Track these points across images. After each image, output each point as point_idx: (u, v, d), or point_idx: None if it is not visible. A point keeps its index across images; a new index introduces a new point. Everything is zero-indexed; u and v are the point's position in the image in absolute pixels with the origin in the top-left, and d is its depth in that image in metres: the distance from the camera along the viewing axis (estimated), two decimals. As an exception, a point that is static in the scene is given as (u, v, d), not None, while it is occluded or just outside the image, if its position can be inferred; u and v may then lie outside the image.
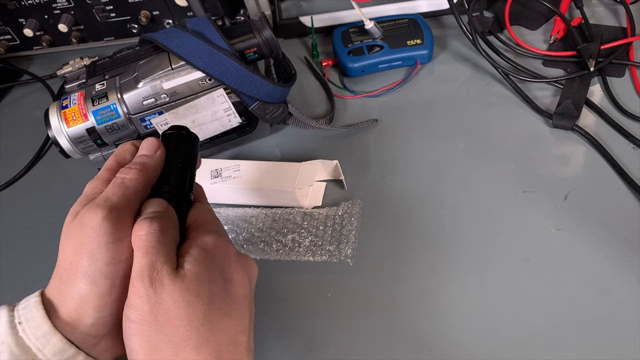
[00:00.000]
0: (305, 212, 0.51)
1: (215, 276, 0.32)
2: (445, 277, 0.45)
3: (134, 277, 0.31)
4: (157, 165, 0.36)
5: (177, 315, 0.30)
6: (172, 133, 0.37)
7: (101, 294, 0.32)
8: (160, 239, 0.31)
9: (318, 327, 0.44)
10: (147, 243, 0.31)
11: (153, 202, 0.33)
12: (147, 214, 0.32)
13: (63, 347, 0.31)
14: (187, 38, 0.49)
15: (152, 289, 0.30)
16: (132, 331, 0.30)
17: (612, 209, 0.48)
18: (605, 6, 0.67)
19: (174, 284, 0.30)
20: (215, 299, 0.32)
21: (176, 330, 0.30)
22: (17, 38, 0.71)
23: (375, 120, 0.58)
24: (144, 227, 0.31)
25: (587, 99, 0.56)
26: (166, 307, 0.30)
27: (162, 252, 0.31)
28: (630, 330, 0.41)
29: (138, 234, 0.31)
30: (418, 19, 0.64)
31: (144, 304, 0.30)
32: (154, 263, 0.31)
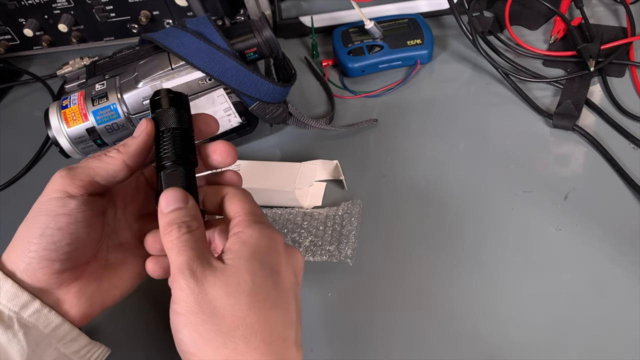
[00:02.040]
0: (305, 212, 0.51)
1: (258, 268, 0.32)
2: (445, 277, 0.45)
3: (175, 274, 0.31)
4: (140, 144, 0.36)
5: (221, 306, 0.30)
6: (159, 99, 0.36)
7: (31, 238, 0.33)
8: (190, 239, 0.32)
9: (318, 327, 0.44)
10: (179, 244, 0.32)
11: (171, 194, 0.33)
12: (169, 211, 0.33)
13: (16, 293, 0.32)
14: (187, 38, 0.49)
15: (194, 280, 0.31)
16: (181, 323, 0.31)
17: (612, 209, 0.48)
18: (605, 6, 0.67)
19: (214, 276, 0.31)
20: (260, 290, 0.32)
21: (222, 320, 0.30)
22: (17, 38, 0.71)
23: (375, 120, 0.58)
24: (174, 233, 0.32)
25: (587, 99, 0.56)
26: (210, 297, 0.30)
27: (197, 249, 0.32)
28: (630, 330, 0.41)
29: (169, 239, 0.32)
30: (418, 19, 0.64)
31: (187, 296, 0.30)
32: (191, 258, 0.31)
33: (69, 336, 0.34)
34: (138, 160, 0.36)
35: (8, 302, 0.32)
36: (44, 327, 0.33)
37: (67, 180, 0.34)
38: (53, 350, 0.34)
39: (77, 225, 0.34)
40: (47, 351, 0.33)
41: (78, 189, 0.34)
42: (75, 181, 0.34)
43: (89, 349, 0.36)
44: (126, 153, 0.35)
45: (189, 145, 0.36)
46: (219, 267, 0.31)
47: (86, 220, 0.34)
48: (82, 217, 0.34)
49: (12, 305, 0.32)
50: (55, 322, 0.34)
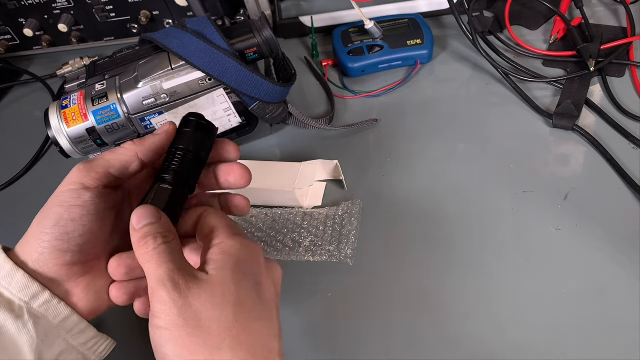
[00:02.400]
0: (305, 212, 0.51)
1: (242, 279, 0.32)
2: (445, 277, 0.45)
3: (154, 287, 0.30)
4: (157, 141, 0.36)
5: (206, 318, 0.30)
6: (191, 120, 0.37)
7: (44, 229, 0.33)
8: (168, 250, 0.31)
9: (318, 327, 0.44)
10: (156, 256, 0.31)
11: (143, 211, 0.33)
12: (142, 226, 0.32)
13: (27, 283, 0.33)
14: (187, 38, 0.49)
15: (177, 292, 0.30)
16: (164, 339, 0.30)
17: (612, 209, 0.48)
18: (605, 6, 0.67)
19: (199, 287, 0.30)
20: (245, 301, 0.31)
21: (208, 332, 0.30)
22: (17, 38, 0.71)
23: (375, 120, 0.58)
24: (150, 244, 0.31)
25: (587, 99, 0.56)
26: (194, 309, 0.30)
27: (176, 261, 0.31)
28: (630, 330, 0.41)
29: (145, 251, 0.31)
30: (418, 19, 0.64)
31: (170, 309, 0.30)
32: (171, 269, 0.31)
33: (78, 328, 0.35)
34: (150, 155, 0.36)
35: (19, 292, 0.33)
36: (53, 318, 0.34)
37: (83, 172, 0.34)
38: (62, 341, 0.34)
39: (90, 218, 0.34)
40: (56, 342, 0.34)
41: (93, 181, 0.34)
42: (91, 173, 0.34)
43: (96, 341, 0.36)
44: (140, 145, 0.36)
45: (195, 172, 0.36)
46: (202, 278, 0.31)
47: (99, 213, 0.35)
48: (95, 210, 0.34)
49: (23, 296, 0.33)
50: (65, 314, 0.34)
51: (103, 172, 0.35)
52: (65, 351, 0.34)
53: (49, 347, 0.33)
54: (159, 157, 0.37)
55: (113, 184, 0.36)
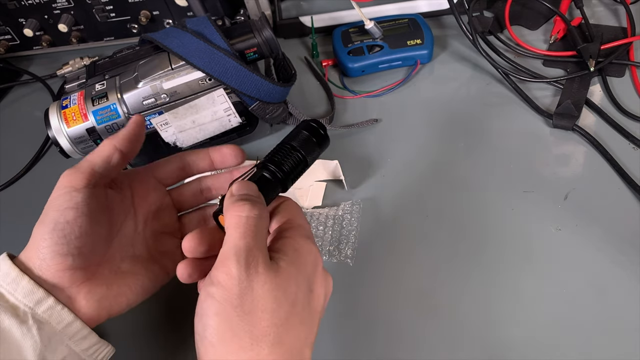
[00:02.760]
0: (305, 212, 0.51)
1: (303, 281, 0.32)
2: (445, 277, 0.45)
3: (227, 256, 0.30)
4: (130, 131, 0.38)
5: (263, 308, 0.29)
6: (313, 126, 0.37)
7: (43, 234, 0.34)
8: (258, 225, 0.31)
9: (318, 327, 0.44)
10: (246, 225, 0.30)
11: (246, 185, 0.33)
12: (241, 195, 0.32)
13: (32, 289, 0.33)
14: (187, 38, 0.49)
15: (246, 273, 0.29)
16: (213, 309, 0.29)
17: (612, 209, 0.48)
18: (605, 6, 0.67)
19: (267, 275, 0.30)
20: (298, 303, 0.31)
21: (258, 322, 0.29)
22: (17, 38, 0.71)
23: (375, 120, 0.58)
24: (245, 209, 0.31)
25: (587, 99, 0.56)
26: (255, 295, 0.29)
27: (260, 239, 0.31)
28: (630, 330, 0.41)
29: (238, 214, 0.31)
30: (418, 19, 0.64)
31: (233, 286, 0.29)
32: (251, 248, 0.30)
33: (80, 334, 0.35)
34: (127, 144, 0.37)
35: (24, 297, 0.33)
36: (57, 324, 0.34)
37: (70, 176, 0.35)
38: (64, 347, 0.34)
39: (85, 219, 0.35)
40: (59, 348, 0.34)
41: (81, 181, 0.35)
42: (77, 174, 0.35)
43: (98, 347, 0.37)
44: (115, 138, 0.37)
45: (297, 176, 0.37)
46: (272, 268, 0.30)
47: (92, 214, 0.35)
48: (89, 210, 0.35)
49: (28, 301, 0.33)
50: (68, 320, 0.34)
51: (88, 171, 0.36)
52: (67, 357, 0.34)
53: (52, 353, 0.34)
54: (135, 145, 0.38)
55: (102, 182, 0.37)
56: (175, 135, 0.51)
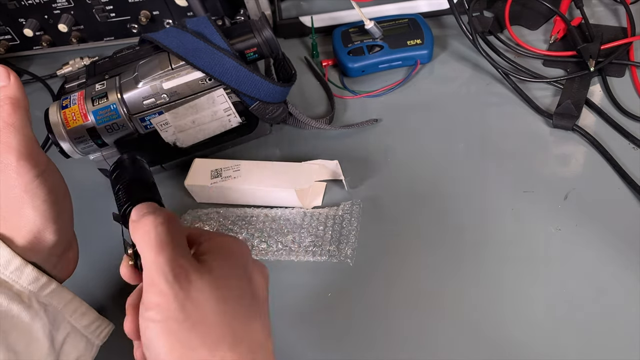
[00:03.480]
0: (305, 212, 0.51)
1: (240, 274, 0.31)
2: (445, 277, 0.45)
3: (152, 276, 0.28)
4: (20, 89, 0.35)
5: (210, 312, 0.28)
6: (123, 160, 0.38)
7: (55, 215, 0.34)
8: (170, 231, 0.30)
9: (318, 327, 0.44)
10: (158, 238, 0.29)
11: (141, 206, 0.32)
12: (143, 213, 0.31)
13: (37, 276, 0.34)
14: (187, 38, 0.49)
15: (179, 285, 0.28)
16: (159, 332, 0.28)
17: (612, 209, 0.48)
18: (605, 6, 0.67)
19: (202, 279, 0.29)
20: (244, 296, 0.31)
21: (210, 328, 0.28)
22: (17, 38, 0.71)
23: (375, 120, 0.58)
24: (149, 221, 0.30)
25: (587, 99, 0.56)
26: (197, 303, 0.28)
27: (179, 246, 0.30)
28: (630, 330, 0.41)
29: (144, 230, 0.29)
30: (418, 19, 0.64)
31: (170, 301, 0.28)
32: (173, 258, 0.29)
33: (79, 310, 0.36)
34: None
35: (29, 284, 0.34)
36: (58, 303, 0.35)
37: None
38: (66, 324, 0.36)
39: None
40: (62, 325, 0.35)
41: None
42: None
43: (98, 324, 0.38)
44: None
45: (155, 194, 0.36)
46: (204, 270, 0.29)
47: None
48: None
49: (33, 288, 0.34)
50: (68, 298, 0.36)
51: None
52: (70, 334, 0.36)
53: (57, 331, 0.35)
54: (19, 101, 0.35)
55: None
56: (175, 135, 0.51)
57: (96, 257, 0.50)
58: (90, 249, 0.45)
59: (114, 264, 0.50)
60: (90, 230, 0.46)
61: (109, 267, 0.50)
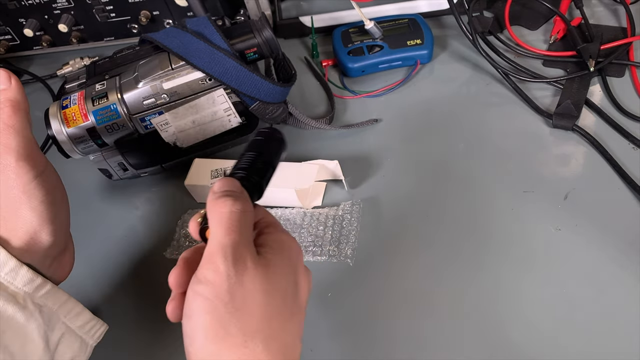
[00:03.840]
0: (305, 212, 0.51)
1: (290, 274, 0.32)
2: (445, 277, 0.45)
3: (213, 253, 0.29)
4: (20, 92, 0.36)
5: (254, 302, 0.29)
6: (268, 131, 0.37)
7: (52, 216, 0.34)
8: (242, 220, 0.30)
9: (318, 327, 0.44)
10: (230, 221, 0.30)
11: (228, 181, 0.32)
12: (224, 191, 0.31)
13: (32, 277, 0.34)
14: (187, 38, 0.49)
15: (234, 269, 0.28)
16: (203, 308, 0.28)
17: (612, 209, 0.48)
18: (605, 6, 0.67)
19: (256, 269, 0.29)
20: (288, 296, 0.31)
21: (250, 317, 0.29)
22: (17, 38, 0.71)
23: (375, 120, 0.58)
24: (228, 204, 0.30)
25: (587, 99, 0.56)
26: (245, 290, 0.29)
27: (245, 234, 0.30)
28: (630, 330, 0.41)
29: (220, 210, 0.30)
30: (418, 19, 0.64)
31: (222, 282, 0.28)
32: (238, 243, 0.29)
33: (74, 311, 0.37)
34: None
35: (24, 286, 0.34)
36: (53, 304, 0.35)
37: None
38: (61, 324, 0.36)
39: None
40: (57, 326, 0.36)
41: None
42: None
43: (92, 325, 0.38)
44: None
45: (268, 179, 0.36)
46: (261, 262, 0.30)
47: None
48: None
49: (28, 289, 0.34)
50: (63, 299, 0.36)
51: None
52: (65, 334, 0.36)
53: (52, 332, 0.35)
54: None
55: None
56: (176, 135, 0.51)
57: (93, 257, 0.50)
58: (87, 249, 0.45)
59: (110, 265, 0.51)
60: (88, 230, 0.46)
61: (105, 267, 0.50)
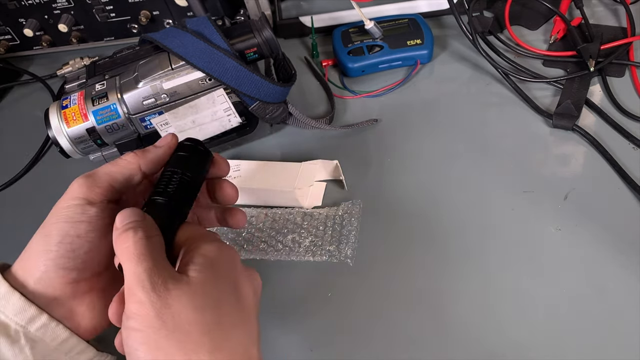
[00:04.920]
0: (305, 212, 0.51)
1: (222, 282, 0.31)
2: (445, 277, 0.45)
3: (131, 286, 0.29)
4: (160, 154, 0.36)
5: (186, 320, 0.29)
6: (187, 145, 0.36)
7: (49, 246, 0.32)
8: (148, 246, 0.30)
9: (318, 327, 0.44)
10: (136, 252, 0.30)
11: (127, 212, 0.32)
12: (125, 224, 0.31)
13: (23, 306, 0.32)
14: (187, 38, 0.49)
15: (155, 294, 0.29)
16: (138, 341, 0.28)
17: (612, 209, 0.48)
18: (605, 6, 0.67)
19: (179, 289, 0.29)
20: (224, 305, 0.31)
21: (187, 335, 0.28)
22: (17, 38, 0.71)
23: (375, 120, 0.58)
24: (129, 237, 0.30)
25: (587, 99, 0.56)
26: (174, 311, 0.29)
27: (156, 259, 0.30)
28: (630, 330, 0.41)
29: (124, 245, 0.30)
30: (418, 19, 0.64)
31: (147, 310, 0.28)
32: (151, 269, 0.29)
33: (77, 349, 0.34)
34: (152, 167, 0.36)
35: (15, 315, 0.32)
36: (51, 341, 0.33)
37: (85, 187, 0.34)
38: None
39: (96, 234, 0.33)
40: None
41: (97, 196, 0.34)
42: (95, 188, 0.34)
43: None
44: (143, 157, 0.35)
45: (190, 200, 0.35)
46: (183, 280, 0.30)
47: (103, 229, 0.34)
48: (101, 225, 0.33)
49: (19, 319, 0.32)
50: (63, 336, 0.33)
51: (107, 185, 0.34)
52: None
53: None
54: (160, 169, 0.36)
55: (116, 198, 0.35)
56: (175, 135, 0.51)
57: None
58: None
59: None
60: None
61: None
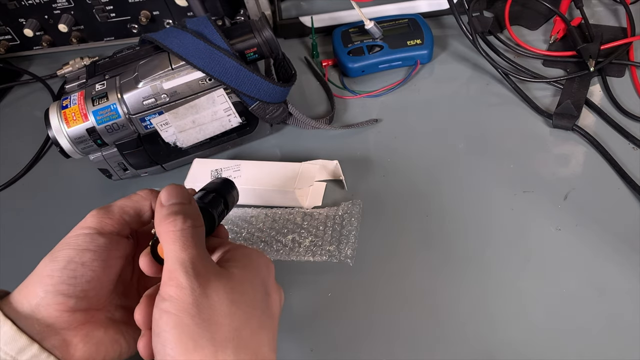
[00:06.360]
0: (305, 212, 0.51)
1: (259, 284, 0.32)
2: (445, 277, 0.45)
3: (174, 270, 0.29)
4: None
5: (221, 313, 0.29)
6: (223, 179, 0.40)
7: (52, 271, 0.32)
8: (195, 235, 0.31)
9: (318, 327, 0.44)
10: (183, 238, 0.30)
11: (173, 189, 0.32)
12: (172, 204, 0.31)
13: (13, 336, 0.31)
14: (187, 38, 0.49)
15: (197, 282, 0.29)
16: (170, 324, 0.28)
17: (612, 209, 0.48)
18: (605, 6, 0.67)
19: (219, 281, 0.30)
20: (257, 306, 0.31)
21: (219, 328, 0.29)
22: (17, 38, 0.71)
23: (375, 120, 0.58)
24: (179, 223, 0.31)
25: (587, 99, 0.56)
26: (211, 302, 0.29)
27: (201, 248, 0.31)
28: (630, 330, 0.41)
29: (171, 229, 0.30)
30: (418, 19, 0.64)
31: (186, 296, 0.28)
32: (196, 257, 0.30)
33: None
34: None
35: (5, 345, 0.31)
36: None
37: (97, 218, 0.34)
38: None
39: (100, 264, 0.33)
40: None
41: (108, 227, 0.34)
42: (106, 219, 0.34)
43: None
44: (155, 196, 0.35)
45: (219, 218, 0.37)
46: (224, 274, 0.30)
47: (109, 261, 0.34)
48: (107, 256, 0.34)
49: (9, 349, 0.31)
50: None
51: (118, 217, 0.34)
52: None
53: None
54: None
55: (126, 232, 0.35)
56: (175, 135, 0.51)
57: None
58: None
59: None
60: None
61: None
